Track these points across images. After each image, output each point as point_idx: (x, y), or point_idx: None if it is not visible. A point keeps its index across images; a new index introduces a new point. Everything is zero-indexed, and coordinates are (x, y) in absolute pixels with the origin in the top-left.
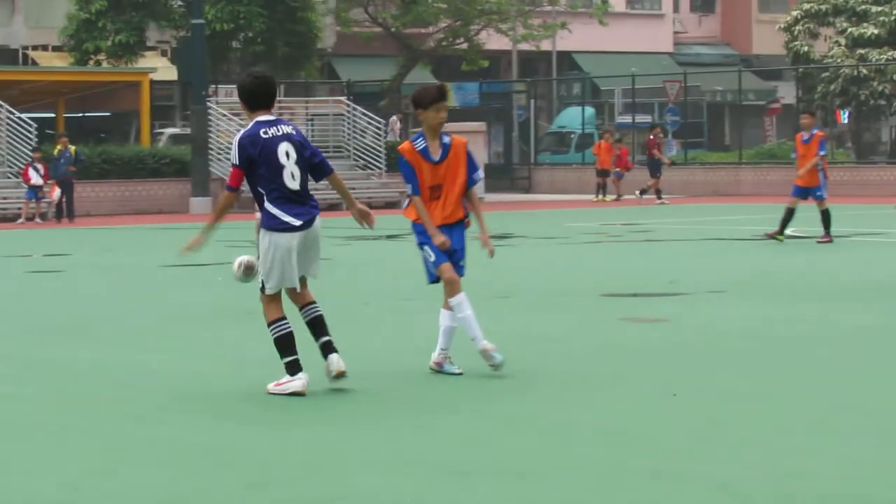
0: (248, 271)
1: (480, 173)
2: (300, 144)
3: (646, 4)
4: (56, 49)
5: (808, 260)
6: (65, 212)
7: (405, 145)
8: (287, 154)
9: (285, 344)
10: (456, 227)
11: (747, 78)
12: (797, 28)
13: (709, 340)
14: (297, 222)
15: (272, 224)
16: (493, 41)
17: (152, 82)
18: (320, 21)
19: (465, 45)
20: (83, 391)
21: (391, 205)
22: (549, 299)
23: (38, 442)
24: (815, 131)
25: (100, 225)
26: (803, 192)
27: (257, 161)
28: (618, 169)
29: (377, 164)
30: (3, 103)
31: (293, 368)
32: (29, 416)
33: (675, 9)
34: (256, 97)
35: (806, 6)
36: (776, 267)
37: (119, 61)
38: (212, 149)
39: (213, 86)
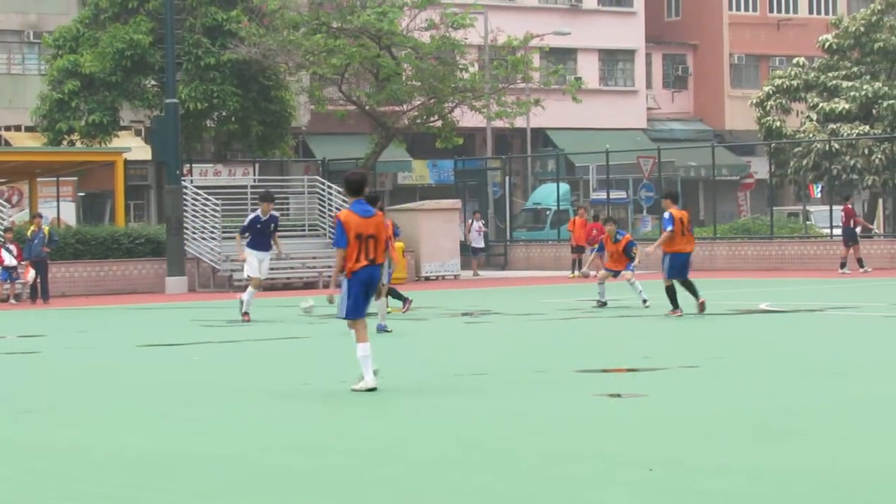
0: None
1: None
2: None
3: (619, 81)
4: (29, 129)
5: (779, 334)
6: (39, 293)
7: None
8: None
9: None
10: None
11: (720, 153)
12: (769, 103)
13: (683, 415)
14: None
15: None
16: (468, 118)
17: (126, 162)
18: (294, 100)
19: (439, 123)
20: (60, 472)
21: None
22: (525, 375)
23: None
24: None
25: (74, 305)
26: None
27: None
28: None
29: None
30: None
31: None
32: (8, 498)
33: (648, 85)
34: None
35: (777, 82)
36: (749, 341)
37: (93, 141)
38: (187, 228)
39: (188, 165)
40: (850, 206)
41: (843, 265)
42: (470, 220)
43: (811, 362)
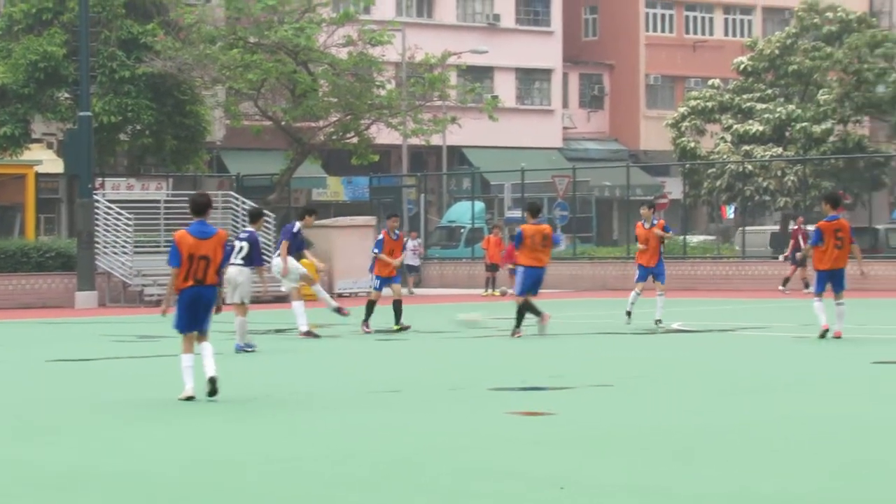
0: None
1: None
2: None
3: (535, 100)
4: None
5: (693, 353)
6: None
7: None
8: None
9: None
10: None
11: (635, 173)
12: (684, 124)
13: (595, 434)
14: None
15: None
16: (384, 135)
17: (38, 175)
18: (209, 114)
19: (355, 140)
20: None
21: (279, 299)
22: (438, 393)
23: None
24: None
25: None
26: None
27: None
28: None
29: (265, 258)
30: None
31: None
32: None
33: (565, 104)
34: None
35: (692, 103)
36: (663, 361)
37: (3, 153)
38: (98, 243)
39: (100, 179)
40: (796, 227)
41: (806, 285)
42: (405, 239)
43: (723, 382)
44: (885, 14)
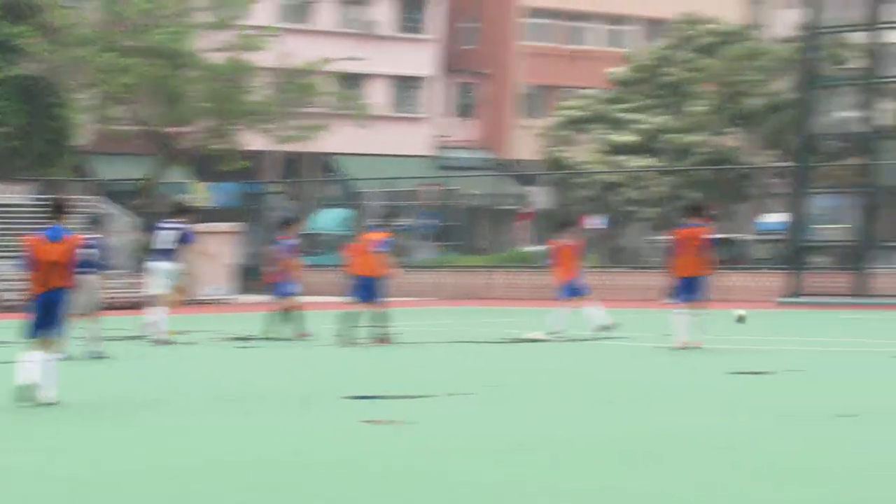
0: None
1: None
2: None
3: (408, 108)
4: None
5: (553, 363)
6: None
7: None
8: None
9: None
10: None
11: (505, 182)
12: (555, 134)
13: (450, 443)
14: None
15: None
16: (258, 140)
17: None
18: (77, 118)
19: (224, 145)
20: None
21: (135, 305)
22: (291, 402)
23: None
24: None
25: None
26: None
27: None
28: None
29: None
30: None
31: None
32: None
33: (440, 113)
34: None
35: (565, 113)
36: (524, 370)
37: None
38: None
39: None
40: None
41: (668, 294)
42: None
43: (584, 392)
44: (762, 27)
